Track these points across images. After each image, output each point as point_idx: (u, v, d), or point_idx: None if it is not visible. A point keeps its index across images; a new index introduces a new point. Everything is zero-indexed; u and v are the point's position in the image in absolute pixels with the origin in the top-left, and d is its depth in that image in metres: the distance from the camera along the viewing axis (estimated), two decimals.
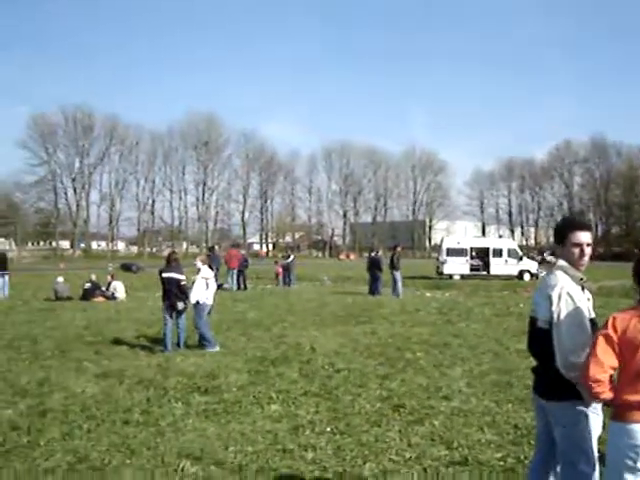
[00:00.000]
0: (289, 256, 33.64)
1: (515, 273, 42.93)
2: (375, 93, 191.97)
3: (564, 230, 4.37)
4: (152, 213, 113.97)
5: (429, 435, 7.31)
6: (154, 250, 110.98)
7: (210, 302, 13.76)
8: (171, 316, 13.28)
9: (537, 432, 4.72)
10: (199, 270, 13.65)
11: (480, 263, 44.14)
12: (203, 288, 13.53)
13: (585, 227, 4.38)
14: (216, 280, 15.37)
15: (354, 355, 12.35)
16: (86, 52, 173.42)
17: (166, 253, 15.34)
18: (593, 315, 4.20)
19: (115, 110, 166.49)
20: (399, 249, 28.19)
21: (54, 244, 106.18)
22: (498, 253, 43.85)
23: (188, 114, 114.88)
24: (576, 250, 4.29)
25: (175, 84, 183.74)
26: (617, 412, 3.87)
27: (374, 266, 27.23)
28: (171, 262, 13.65)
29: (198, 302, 13.38)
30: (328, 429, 7.52)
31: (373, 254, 28.46)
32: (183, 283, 13.30)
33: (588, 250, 4.33)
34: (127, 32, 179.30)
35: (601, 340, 3.83)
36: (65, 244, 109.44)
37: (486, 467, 6.31)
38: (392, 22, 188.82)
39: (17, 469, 6.30)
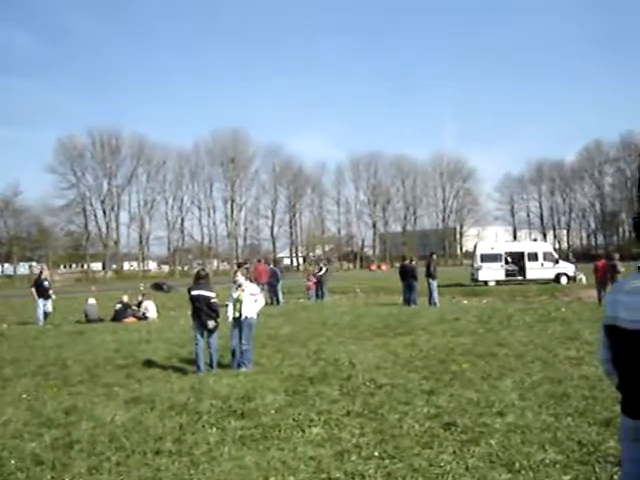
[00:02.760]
0: (321, 269, 33.06)
1: (552, 277, 41.98)
2: (401, 103, 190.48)
3: None
4: (182, 231, 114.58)
5: (487, 456, 6.69)
6: (185, 268, 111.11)
7: (256, 317, 13.24)
8: (202, 335, 12.75)
9: (624, 459, 4.03)
10: (239, 286, 13.08)
11: (515, 268, 43.16)
12: (252, 304, 12.99)
13: None
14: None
15: (395, 369, 11.75)
16: (109, 72, 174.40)
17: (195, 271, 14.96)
18: None
19: (141, 130, 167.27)
20: (435, 257, 27.56)
21: (85, 266, 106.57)
22: (533, 257, 42.95)
23: (213, 131, 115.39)
24: None
25: (199, 101, 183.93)
26: None
27: (409, 275, 26.55)
28: (200, 279, 13.16)
29: (247, 317, 12.81)
30: (376, 453, 6.93)
31: (407, 262, 27.80)
32: (213, 300, 12.76)
33: None
34: (149, 50, 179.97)
35: None
36: (97, 266, 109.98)
37: None
38: (415, 30, 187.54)
39: None
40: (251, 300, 12.97)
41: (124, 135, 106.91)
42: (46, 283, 24.44)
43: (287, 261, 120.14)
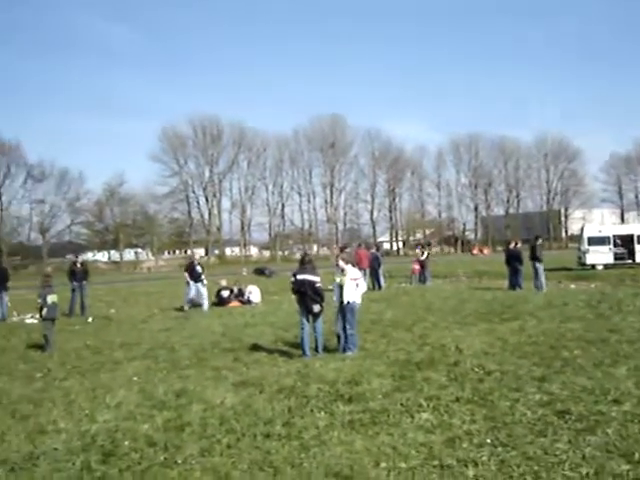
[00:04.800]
0: (423, 253, 32.75)
1: None
2: (502, 83, 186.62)
3: None
4: (282, 217, 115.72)
5: (604, 446, 6.48)
6: (286, 253, 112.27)
7: (359, 302, 13.19)
8: (308, 319, 12.79)
9: None
10: (343, 270, 13.08)
11: (624, 251, 41.60)
12: (354, 288, 12.96)
13: None
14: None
15: (504, 355, 11.51)
16: (208, 61, 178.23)
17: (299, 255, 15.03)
18: None
19: (241, 117, 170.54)
20: (540, 240, 26.89)
21: (189, 252, 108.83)
22: None
23: (312, 117, 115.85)
24: None
25: (297, 87, 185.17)
26: None
27: (514, 259, 25.99)
28: (305, 264, 13.18)
29: (349, 302, 12.81)
30: (488, 440, 6.79)
31: (512, 246, 27.28)
32: (318, 285, 12.76)
33: None
34: (249, 39, 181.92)
35: None
36: (199, 252, 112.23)
37: None
38: (514, 9, 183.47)
39: None
40: (352, 285, 12.92)
41: (225, 123, 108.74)
42: (198, 268, 24.66)
43: (387, 245, 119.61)
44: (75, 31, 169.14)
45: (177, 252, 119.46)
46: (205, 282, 24.66)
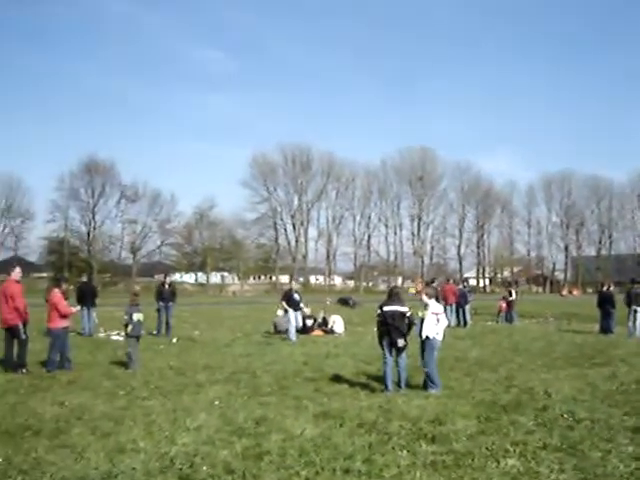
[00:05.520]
0: (511, 292, 32.12)
1: None
2: (595, 120, 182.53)
3: None
4: (368, 248, 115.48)
5: None
6: (370, 284, 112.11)
7: (440, 338, 12.88)
8: (391, 353, 12.55)
9: None
10: (426, 305, 12.83)
11: None
12: (434, 323, 12.68)
13: None
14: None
15: (595, 402, 11.04)
16: (299, 89, 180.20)
17: (385, 287, 14.81)
18: None
19: (330, 146, 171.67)
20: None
21: (274, 278, 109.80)
22: None
23: (401, 149, 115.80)
24: None
25: (387, 118, 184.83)
26: None
27: (607, 302, 25.26)
28: (393, 296, 12.97)
29: (428, 337, 12.56)
30: None
31: (605, 289, 26.53)
32: (409, 314, 12.52)
33: None
34: (339, 67, 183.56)
35: None
36: (284, 278, 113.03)
37: None
38: (611, 43, 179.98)
39: None
40: (433, 319, 12.60)
41: (314, 152, 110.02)
42: (296, 296, 23.98)
43: (473, 282, 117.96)
44: (172, 56, 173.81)
45: (262, 277, 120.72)
46: (305, 310, 24.67)
